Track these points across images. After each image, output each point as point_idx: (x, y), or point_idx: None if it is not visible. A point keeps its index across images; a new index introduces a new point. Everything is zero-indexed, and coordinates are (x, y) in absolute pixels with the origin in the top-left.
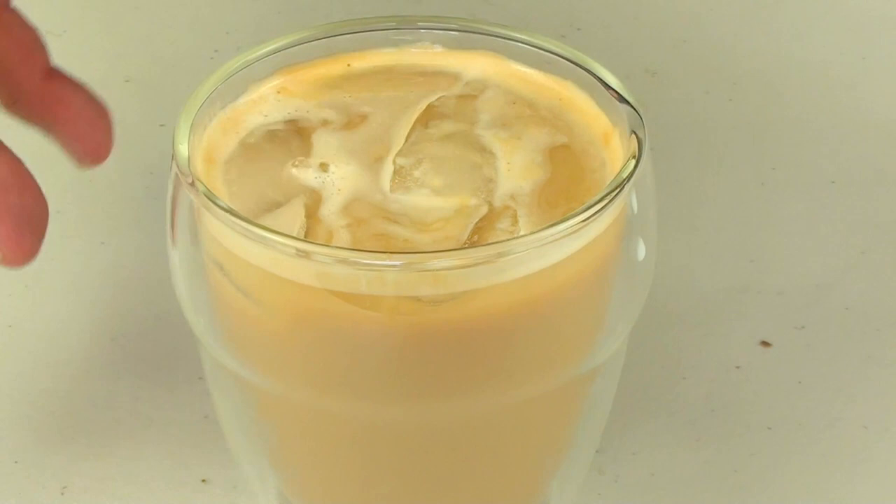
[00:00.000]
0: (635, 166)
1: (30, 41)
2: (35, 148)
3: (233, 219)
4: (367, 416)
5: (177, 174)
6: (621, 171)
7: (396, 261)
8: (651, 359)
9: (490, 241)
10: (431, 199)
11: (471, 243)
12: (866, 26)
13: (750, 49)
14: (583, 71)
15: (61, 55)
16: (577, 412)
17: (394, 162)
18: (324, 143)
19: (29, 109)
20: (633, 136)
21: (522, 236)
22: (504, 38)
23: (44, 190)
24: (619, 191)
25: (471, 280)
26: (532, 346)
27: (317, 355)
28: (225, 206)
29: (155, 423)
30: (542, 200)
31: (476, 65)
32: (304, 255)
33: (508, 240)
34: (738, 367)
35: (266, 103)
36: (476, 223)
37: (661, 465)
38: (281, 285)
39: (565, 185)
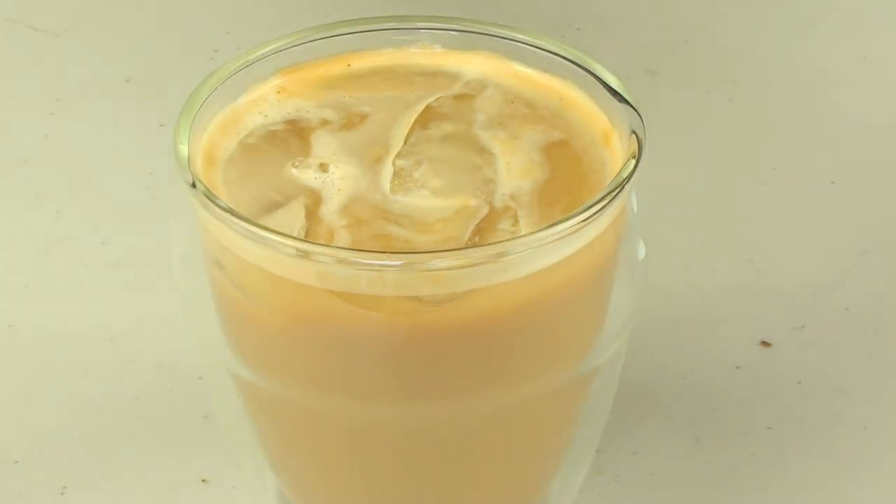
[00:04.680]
0: (635, 166)
1: None
2: (35, 149)
3: (233, 219)
4: (367, 416)
5: (177, 174)
6: (621, 171)
7: (396, 261)
8: (651, 359)
9: (490, 242)
10: (431, 200)
11: (472, 244)
12: (866, 26)
13: (750, 49)
14: (583, 71)
15: (61, 55)
16: (577, 412)
17: (393, 163)
18: (323, 144)
19: None
20: (633, 136)
21: (522, 236)
22: (504, 38)
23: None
24: (619, 191)
25: (471, 280)
26: (532, 346)
27: (317, 355)
28: (225, 206)
29: (155, 424)
30: (543, 200)
31: (476, 65)
32: (305, 255)
33: (508, 240)
34: (738, 367)
35: (266, 103)
36: (477, 224)
37: (661, 465)
38: (281, 285)
39: (565, 185)
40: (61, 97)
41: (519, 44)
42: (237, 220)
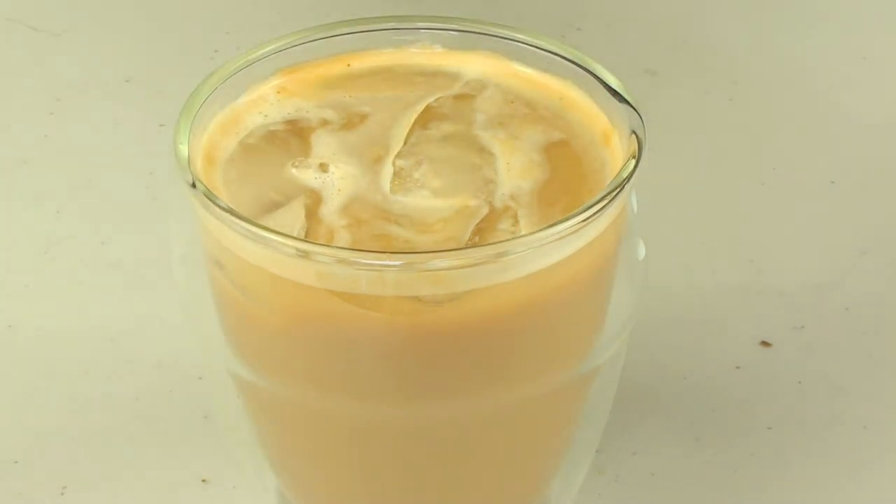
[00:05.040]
0: (635, 166)
1: None
2: (35, 149)
3: (233, 219)
4: (367, 416)
5: (177, 174)
6: (621, 171)
7: (396, 261)
8: (651, 359)
9: (490, 242)
10: (431, 200)
11: (472, 244)
12: (866, 26)
13: (750, 49)
14: (583, 71)
15: (61, 55)
16: (577, 412)
17: (393, 164)
18: (323, 144)
19: None
20: (633, 136)
21: (522, 236)
22: (504, 38)
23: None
24: (619, 191)
25: (471, 280)
26: (532, 346)
27: (317, 355)
28: (225, 206)
29: (155, 424)
30: (543, 200)
31: (476, 65)
32: (305, 255)
33: (508, 240)
34: (738, 367)
35: (266, 103)
36: (477, 224)
37: (661, 465)
38: (281, 285)
39: (565, 185)
40: (61, 97)
41: (519, 44)
42: (237, 220)
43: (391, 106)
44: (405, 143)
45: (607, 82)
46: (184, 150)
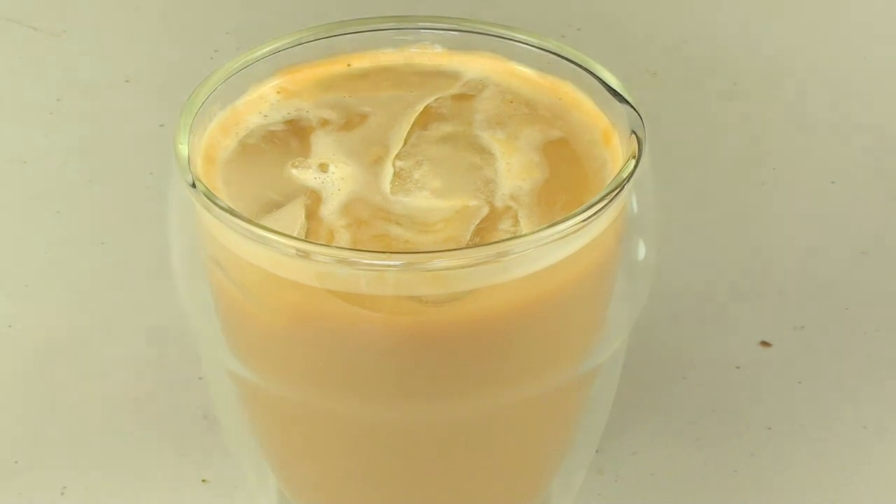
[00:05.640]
0: (635, 166)
1: None
2: (35, 149)
3: (233, 219)
4: (366, 416)
5: (177, 174)
6: (621, 171)
7: (396, 261)
8: (651, 359)
9: (490, 241)
10: (432, 201)
11: (472, 244)
12: (866, 26)
13: (750, 49)
14: (583, 71)
15: (61, 55)
16: (577, 412)
17: (393, 164)
18: (323, 144)
19: None
20: (633, 136)
21: (522, 236)
22: (504, 38)
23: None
24: (619, 191)
25: (471, 280)
26: (532, 346)
27: (317, 355)
28: (225, 206)
29: (155, 423)
30: (543, 200)
31: (476, 65)
32: (304, 255)
33: (508, 239)
34: (738, 367)
35: (266, 103)
36: (477, 224)
37: (661, 465)
38: (281, 285)
39: (565, 184)
40: (61, 97)
41: (519, 44)
42: (237, 220)
43: (391, 106)
44: (405, 144)
45: (607, 82)
46: (184, 150)
